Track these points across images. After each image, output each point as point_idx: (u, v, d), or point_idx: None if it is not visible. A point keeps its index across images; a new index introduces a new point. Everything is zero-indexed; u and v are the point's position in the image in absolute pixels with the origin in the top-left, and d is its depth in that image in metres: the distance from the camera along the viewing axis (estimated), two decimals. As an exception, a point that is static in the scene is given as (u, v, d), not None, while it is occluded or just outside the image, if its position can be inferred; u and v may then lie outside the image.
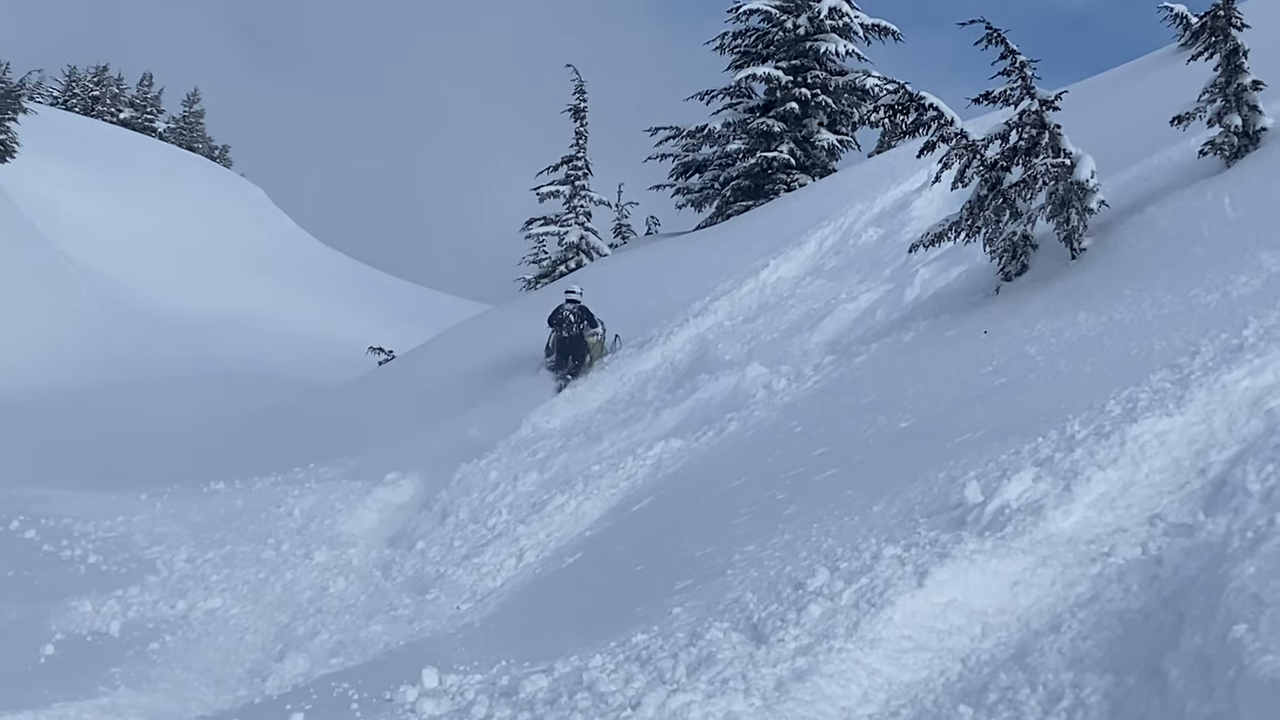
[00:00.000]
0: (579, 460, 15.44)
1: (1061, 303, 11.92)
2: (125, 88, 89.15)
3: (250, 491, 18.35)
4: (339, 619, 12.33)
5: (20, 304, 40.24)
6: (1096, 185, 13.21)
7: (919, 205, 21.13)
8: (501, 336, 27.60)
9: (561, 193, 41.11)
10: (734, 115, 35.19)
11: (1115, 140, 16.13)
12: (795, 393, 14.23)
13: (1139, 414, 7.92)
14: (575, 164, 41.16)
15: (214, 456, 21.84)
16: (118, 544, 15.67)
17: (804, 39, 34.32)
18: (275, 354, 45.46)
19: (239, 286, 54.48)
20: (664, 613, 8.30)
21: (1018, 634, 6.29)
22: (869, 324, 15.96)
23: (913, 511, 8.20)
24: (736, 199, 34.66)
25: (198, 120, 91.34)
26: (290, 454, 20.61)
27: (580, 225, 41.07)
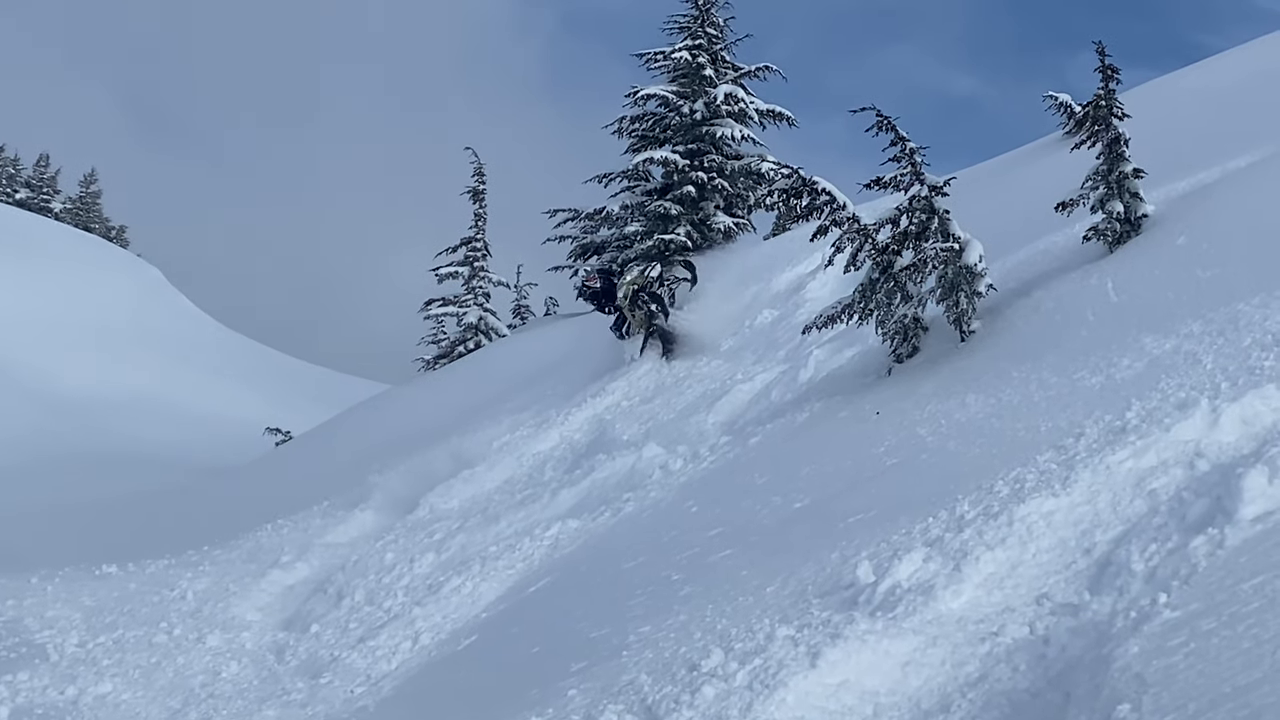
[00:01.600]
0: (476, 541, 15.37)
1: (952, 384, 12.09)
2: (21, 168, 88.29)
3: (143, 574, 18.09)
4: (231, 704, 12.18)
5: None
6: (985, 269, 13.44)
7: (813, 287, 21.35)
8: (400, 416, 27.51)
9: (460, 274, 41.18)
10: (632, 198, 35.38)
11: (1003, 225, 16.43)
12: (691, 473, 14.29)
13: (1026, 494, 8.05)
14: (474, 245, 41.28)
15: (107, 538, 21.52)
16: (7, 629, 15.37)
17: (701, 124, 34.63)
18: (171, 435, 44.95)
19: (135, 367, 53.85)
20: (559, 695, 8.29)
21: (909, 714, 6.35)
22: (764, 404, 16.06)
23: (806, 591, 8.26)
24: (635, 280, 34.80)
25: (94, 200, 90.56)
26: (185, 536, 20.36)
27: (479, 306, 41.13)
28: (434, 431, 22.31)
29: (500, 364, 29.39)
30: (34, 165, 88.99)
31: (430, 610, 13.24)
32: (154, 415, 47.98)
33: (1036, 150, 25.08)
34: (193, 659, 13.77)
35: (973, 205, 16.53)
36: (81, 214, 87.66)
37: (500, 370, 27.74)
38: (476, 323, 40.85)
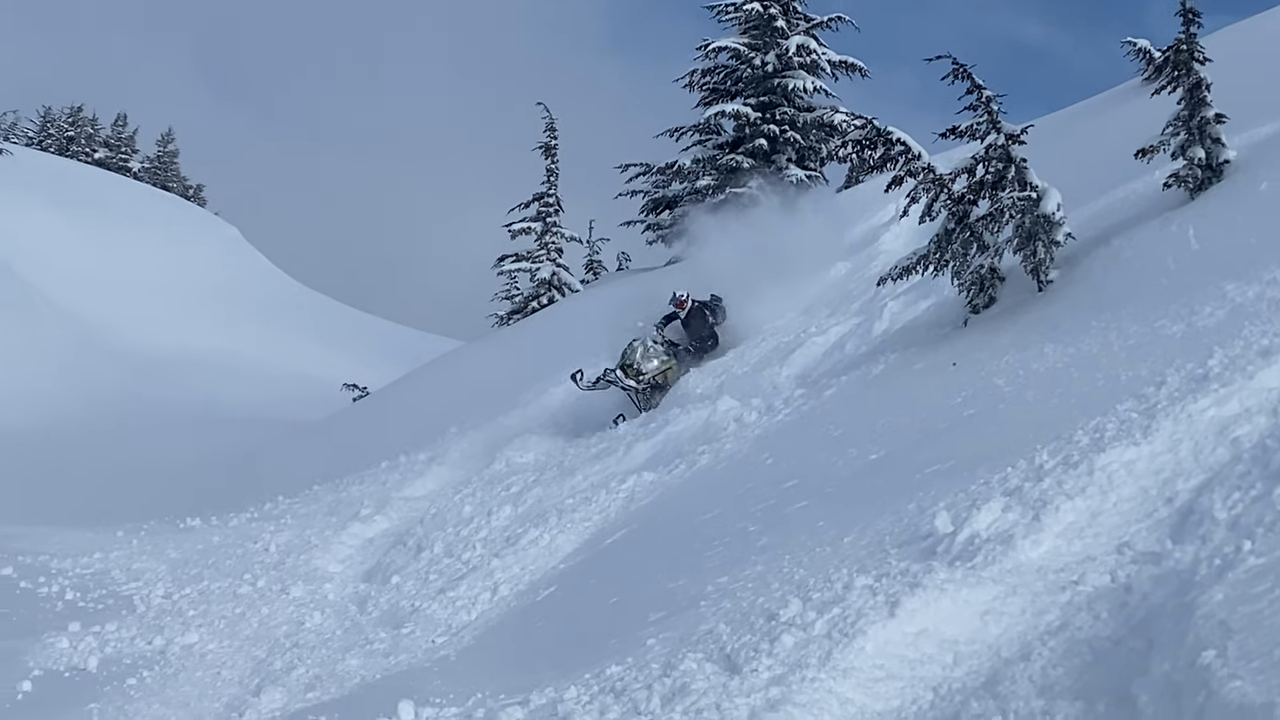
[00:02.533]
0: (553, 494, 15.45)
1: (1029, 334, 12.00)
2: (100, 128, 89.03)
3: (226, 528, 18.36)
4: (315, 653, 12.33)
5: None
6: (1063, 218, 13.32)
7: (887, 239, 21.24)
8: (474, 372, 27.66)
9: (533, 229, 41.21)
10: (703, 151, 35.27)
11: (1081, 173, 16.26)
12: (766, 426, 14.29)
13: (1106, 444, 7.99)
14: (546, 201, 41.29)
15: (190, 493, 21.82)
16: (95, 580, 15.65)
17: (772, 76, 34.45)
18: (250, 393, 45.41)
19: (214, 326, 54.40)
20: (638, 644, 8.35)
21: (988, 662, 6.34)
22: (838, 357, 16.02)
23: (883, 542, 8.26)
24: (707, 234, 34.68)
25: (172, 160, 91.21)
26: (265, 491, 20.62)
27: (552, 261, 41.17)
28: (509, 387, 22.42)
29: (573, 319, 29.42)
30: (112, 125, 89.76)
31: (508, 562, 13.34)
32: (233, 373, 48.47)
33: (1114, 97, 24.80)
34: (277, 610, 13.96)
35: (1050, 153, 16.38)
36: (159, 173, 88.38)
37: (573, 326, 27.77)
38: (549, 278, 40.90)
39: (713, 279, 21.53)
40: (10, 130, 73.13)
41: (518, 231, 41.32)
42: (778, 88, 34.46)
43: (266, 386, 47.24)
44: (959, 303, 14.37)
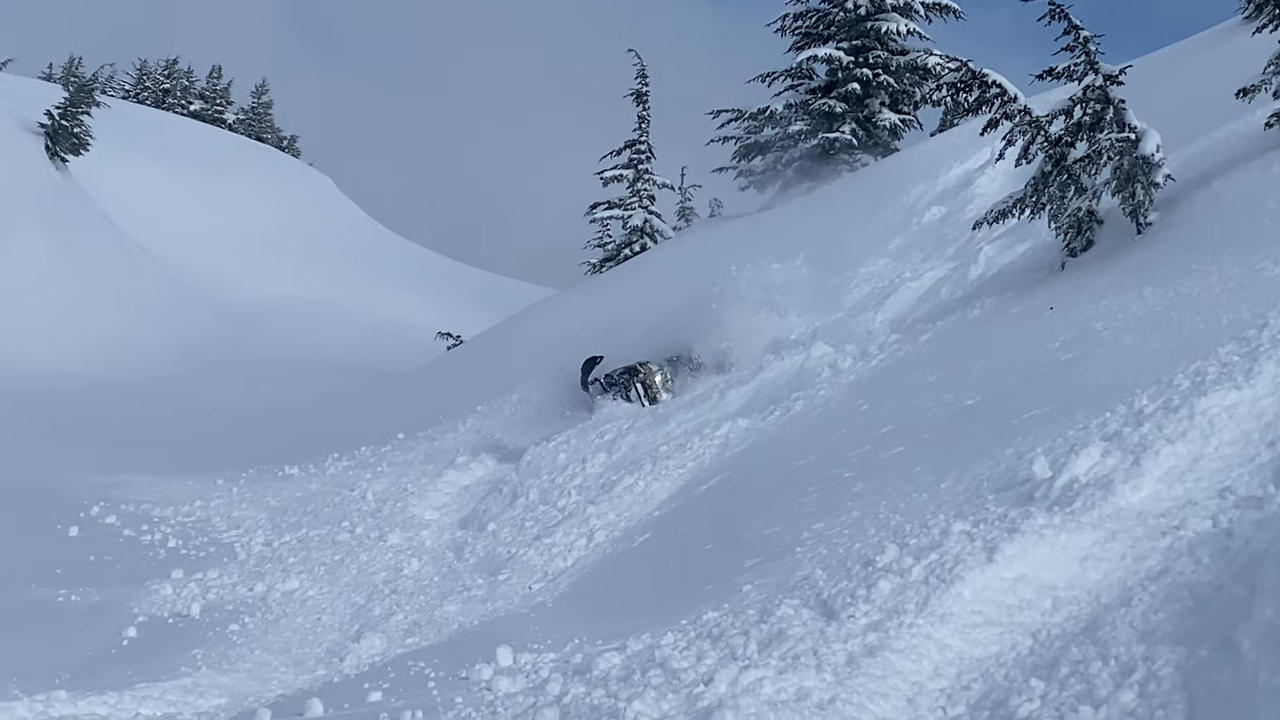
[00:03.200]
0: (647, 441, 15.49)
1: (1127, 278, 11.86)
2: (195, 80, 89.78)
3: (324, 475, 18.58)
4: (414, 599, 12.48)
5: (95, 293, 40.73)
6: (1162, 159, 13.12)
7: (982, 183, 21.06)
8: (566, 320, 27.73)
9: (625, 177, 41.22)
10: (795, 97, 35.09)
11: (1180, 114, 16.02)
12: (861, 371, 14.23)
13: (1207, 388, 7.91)
14: (638, 148, 41.27)
15: (287, 441, 22.07)
16: (196, 528, 15.92)
17: (865, 19, 34.18)
18: (345, 341, 45.87)
19: (309, 275, 54.92)
20: (734, 590, 8.38)
21: (1088, 608, 6.31)
22: (933, 302, 15.93)
23: (981, 488, 8.23)
24: (799, 180, 34.55)
25: (266, 111, 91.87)
26: (362, 438, 20.81)
27: (644, 209, 41.17)
28: (603, 334, 22.45)
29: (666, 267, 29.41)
30: (207, 77, 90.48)
31: (604, 508, 13.41)
32: (328, 321, 48.96)
33: (1214, 36, 24.37)
34: (375, 556, 14.13)
35: (1149, 94, 16.13)
36: (254, 124, 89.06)
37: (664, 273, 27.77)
38: (642, 225, 40.91)
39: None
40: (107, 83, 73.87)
41: (610, 179, 41.35)
42: (870, 31, 34.20)
43: (361, 335, 47.68)
44: (1056, 246, 14.22)
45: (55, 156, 46.18)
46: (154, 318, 42.18)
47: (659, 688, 6.73)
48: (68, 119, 46.39)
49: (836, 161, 33.94)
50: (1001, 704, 5.77)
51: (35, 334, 36.34)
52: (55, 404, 28.85)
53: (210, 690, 10.24)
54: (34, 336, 36.19)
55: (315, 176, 76.12)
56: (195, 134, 71.27)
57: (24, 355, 34.47)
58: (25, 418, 25.71)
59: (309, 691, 9.71)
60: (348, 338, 46.55)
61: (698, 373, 18.28)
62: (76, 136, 46.53)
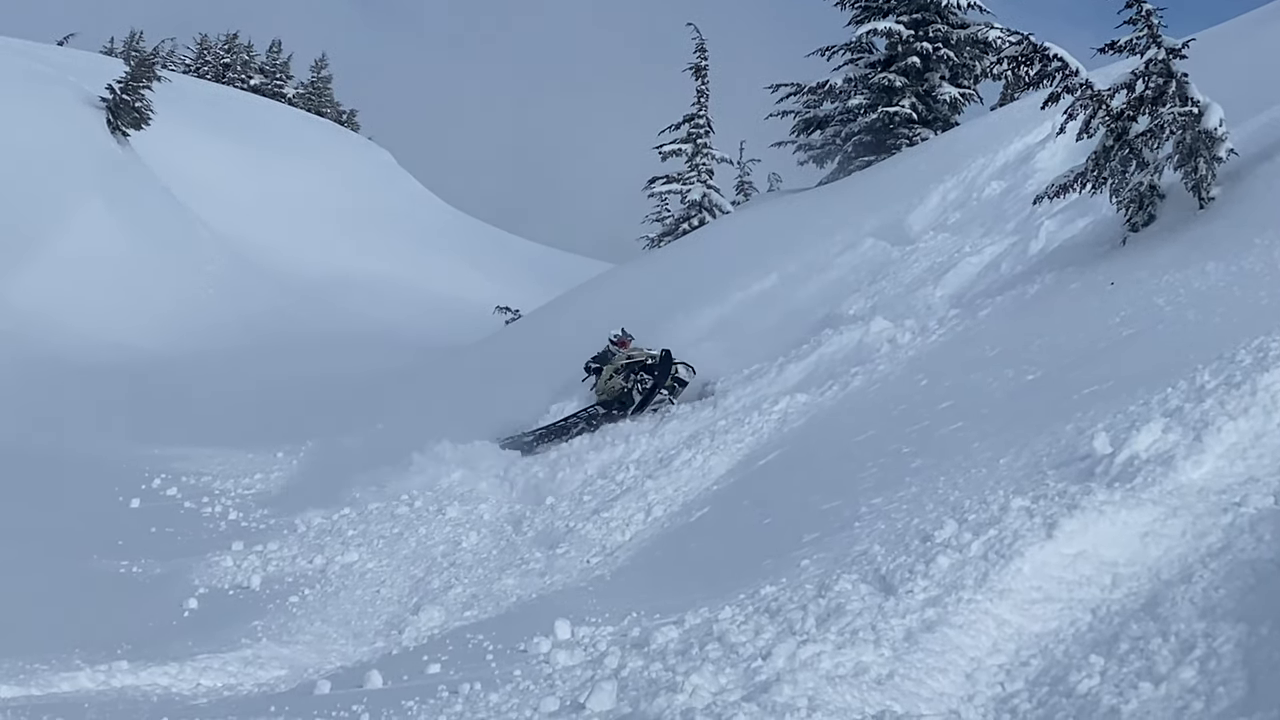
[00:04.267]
0: (704, 415, 15.51)
1: (1190, 253, 11.77)
2: (255, 55, 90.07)
3: (384, 448, 18.66)
4: (472, 573, 12.55)
5: (156, 266, 41.02)
6: (1225, 133, 13.00)
7: (1043, 157, 20.89)
8: (625, 295, 27.73)
9: (683, 151, 41.11)
10: (855, 71, 34.89)
11: (1243, 88, 15.84)
12: (920, 346, 14.20)
13: (1270, 363, 7.84)
14: (697, 122, 41.15)
15: (347, 415, 22.21)
16: (256, 501, 16.05)
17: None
18: (404, 314, 46.02)
19: (368, 249, 55.09)
20: (792, 565, 8.39)
21: (1148, 584, 6.29)
22: (993, 277, 15.85)
23: (1040, 463, 8.20)
24: (858, 154, 34.41)
25: (325, 85, 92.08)
26: (420, 411, 20.90)
27: (703, 183, 41.05)
28: (660, 309, 22.44)
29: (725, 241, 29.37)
30: (266, 52, 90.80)
31: (662, 483, 13.43)
32: (386, 295, 49.10)
33: (1278, 9, 24.05)
34: (433, 530, 14.20)
35: (1212, 68, 15.96)
36: (313, 99, 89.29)
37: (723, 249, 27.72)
38: (700, 200, 40.81)
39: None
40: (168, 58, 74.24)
41: (668, 153, 41.26)
42: (930, 4, 33.93)
43: (420, 309, 47.81)
44: (1117, 221, 14.12)
45: (117, 130, 46.55)
46: (214, 291, 42.47)
47: (717, 661, 6.75)
48: (129, 93, 46.74)
49: (896, 136, 33.75)
50: (1060, 680, 5.76)
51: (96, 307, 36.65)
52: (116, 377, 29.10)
53: (270, 662, 10.34)
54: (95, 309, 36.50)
55: (375, 151, 76.30)
56: (255, 108, 71.55)
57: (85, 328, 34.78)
58: (86, 390, 25.95)
59: (368, 663, 9.81)
60: (407, 312, 46.69)
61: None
62: (138, 111, 46.89)
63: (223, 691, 9.53)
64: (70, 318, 34.73)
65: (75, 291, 36.52)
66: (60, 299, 35.50)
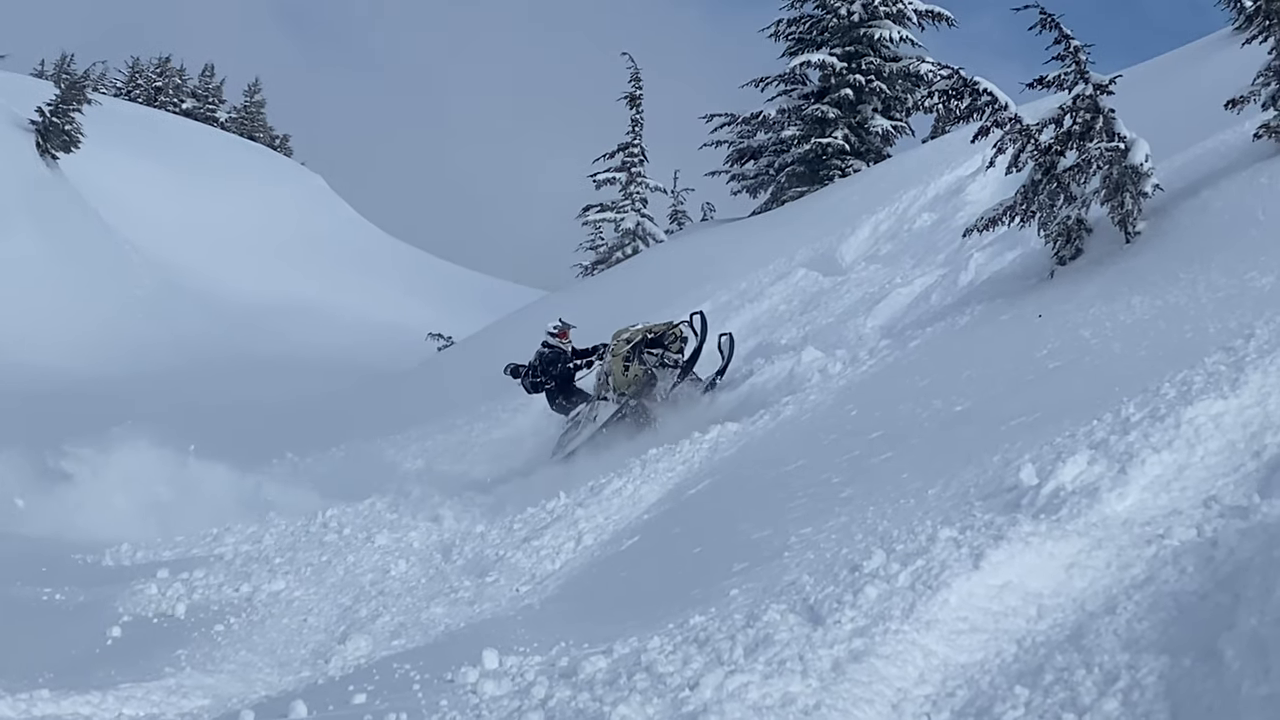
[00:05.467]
0: (636, 443, 15.49)
1: (1116, 286, 11.90)
2: (187, 78, 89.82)
3: (313, 474, 18.55)
4: (400, 601, 12.43)
5: (84, 290, 40.74)
6: (1151, 169, 13.17)
7: (973, 190, 21.10)
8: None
9: (618, 179, 41.30)
10: (788, 102, 35.19)
11: (1169, 124, 16.07)
12: (850, 376, 14.26)
13: (1194, 397, 7.93)
14: (631, 151, 41.35)
15: (277, 440, 22.07)
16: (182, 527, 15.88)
17: (858, 25, 34.26)
18: (335, 339, 45.87)
19: (300, 274, 54.92)
20: (721, 595, 8.38)
21: (1073, 616, 6.33)
22: (924, 308, 15.97)
23: (968, 494, 8.25)
24: (791, 185, 34.68)
25: (258, 110, 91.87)
26: (352, 438, 20.82)
27: (637, 212, 41.25)
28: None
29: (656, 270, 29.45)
30: (199, 76, 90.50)
31: (592, 511, 13.39)
32: (318, 321, 48.95)
33: (1204, 47, 24.42)
34: (362, 557, 14.07)
35: (1138, 104, 16.17)
36: (246, 123, 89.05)
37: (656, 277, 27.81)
38: (634, 228, 41.00)
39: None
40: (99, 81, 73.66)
41: (603, 181, 41.45)
42: (864, 37, 34.27)
43: (351, 334, 47.68)
44: (1045, 254, 14.27)
45: (46, 153, 46.22)
46: (143, 314, 42.21)
47: (644, 692, 6.73)
48: (59, 116, 46.44)
49: (829, 167, 34.04)
50: (986, 711, 5.78)
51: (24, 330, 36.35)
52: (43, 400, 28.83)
53: (194, 691, 10.20)
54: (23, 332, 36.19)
55: (307, 176, 76.13)
56: (187, 132, 71.25)
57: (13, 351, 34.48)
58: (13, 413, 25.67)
59: (293, 693, 9.68)
60: (339, 337, 46.54)
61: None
62: (68, 134, 46.58)
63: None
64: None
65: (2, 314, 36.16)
66: (-13, 322, 35.14)
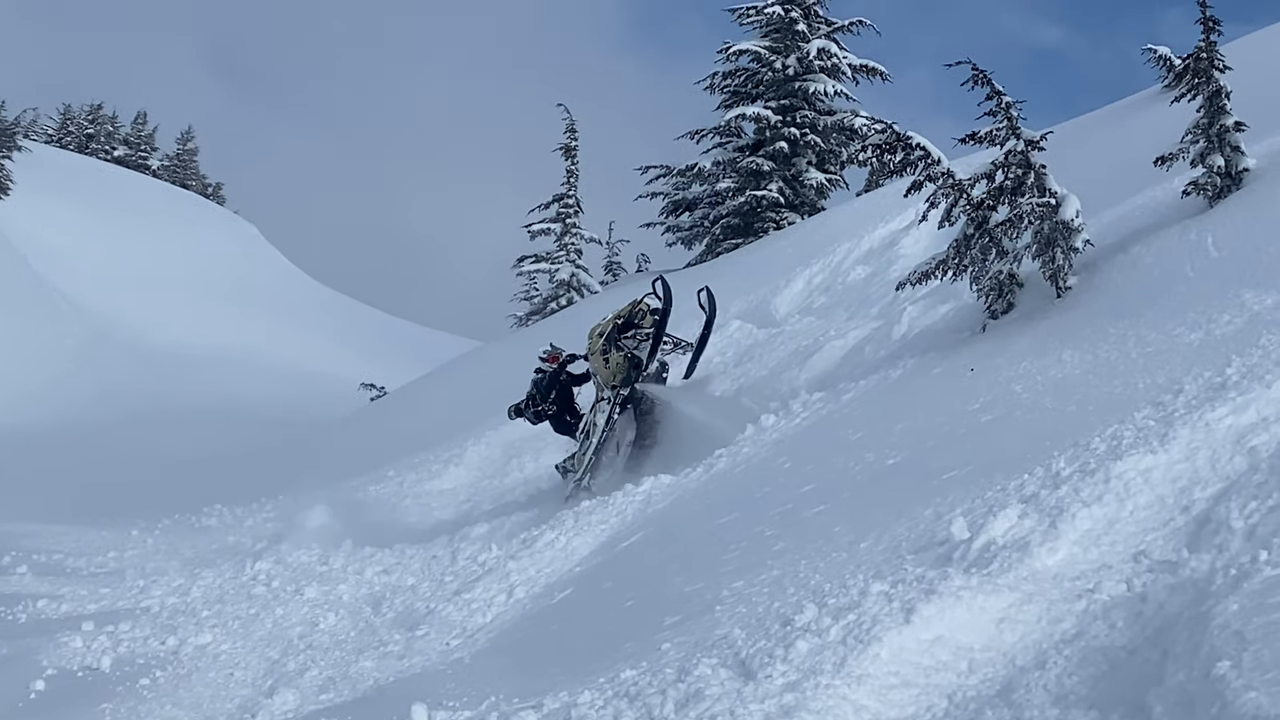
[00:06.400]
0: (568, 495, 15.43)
1: (1047, 341, 11.99)
2: (119, 126, 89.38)
3: (241, 527, 18.39)
4: (329, 655, 12.29)
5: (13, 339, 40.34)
6: (1081, 224, 13.30)
7: (906, 243, 21.23)
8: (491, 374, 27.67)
9: (553, 230, 41.37)
10: (724, 154, 35.36)
11: (1100, 180, 16.24)
12: (784, 429, 14.27)
13: (1124, 451, 7.98)
14: (566, 202, 41.45)
15: (205, 491, 21.86)
16: (109, 580, 15.67)
17: (793, 79, 34.51)
18: (267, 389, 45.56)
19: (231, 323, 54.59)
20: (653, 649, 8.34)
21: (1004, 670, 6.34)
22: (857, 361, 16.02)
23: (900, 548, 8.25)
24: (726, 237, 34.82)
25: (191, 158, 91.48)
26: (281, 489, 20.65)
27: (571, 262, 41.31)
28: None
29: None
30: (131, 123, 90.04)
31: (524, 564, 13.30)
32: (250, 370, 48.63)
33: (1134, 104, 24.73)
34: (290, 610, 13.93)
35: (1069, 160, 16.36)
36: (179, 171, 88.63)
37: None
38: (569, 279, 41.05)
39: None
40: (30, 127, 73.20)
41: (537, 232, 41.51)
42: (799, 91, 34.52)
43: (284, 384, 47.40)
44: (978, 308, 14.36)
45: (-25, 200, 45.81)
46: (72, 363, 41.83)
47: (574, 748, 6.68)
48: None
49: (764, 219, 34.20)
50: (917, 766, 5.77)
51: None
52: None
53: (118, 747, 10.07)
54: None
55: (240, 224, 75.88)
56: (119, 180, 70.87)
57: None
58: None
59: (221, 748, 9.58)
60: (270, 387, 46.23)
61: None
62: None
63: (67, 777, 9.27)
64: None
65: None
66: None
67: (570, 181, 41.74)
